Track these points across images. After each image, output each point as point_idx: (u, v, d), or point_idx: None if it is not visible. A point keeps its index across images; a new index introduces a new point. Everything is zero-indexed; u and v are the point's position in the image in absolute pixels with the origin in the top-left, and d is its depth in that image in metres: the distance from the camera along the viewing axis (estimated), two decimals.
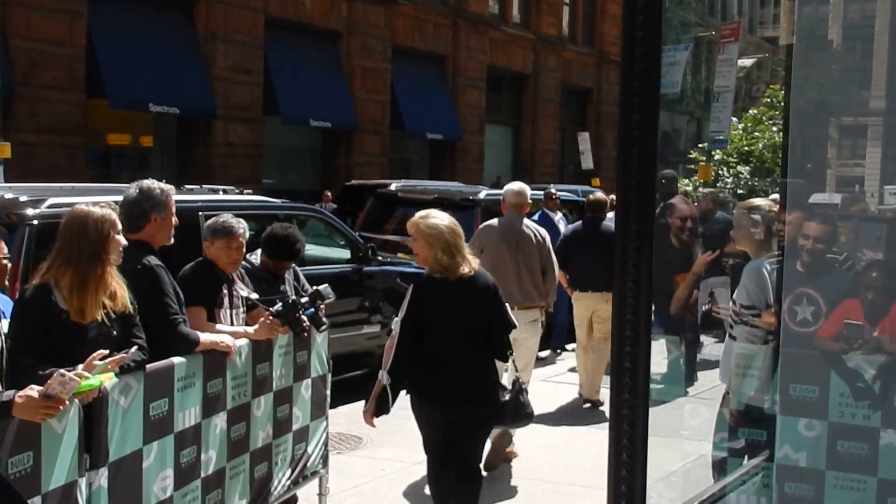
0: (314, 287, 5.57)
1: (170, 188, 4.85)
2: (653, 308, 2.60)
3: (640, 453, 2.59)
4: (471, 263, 5.30)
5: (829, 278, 4.64)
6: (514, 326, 5.51)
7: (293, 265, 6.39)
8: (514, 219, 7.75)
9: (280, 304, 5.26)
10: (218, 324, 5.09)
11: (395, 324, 5.30)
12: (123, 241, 4.12)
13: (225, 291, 5.26)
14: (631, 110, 2.59)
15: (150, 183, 4.81)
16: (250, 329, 5.21)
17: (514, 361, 5.71)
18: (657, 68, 2.59)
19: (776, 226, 4.98)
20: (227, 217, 5.35)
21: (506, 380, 6.04)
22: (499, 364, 5.71)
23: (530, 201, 8.11)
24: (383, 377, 5.27)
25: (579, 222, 9.84)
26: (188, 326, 4.66)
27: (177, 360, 4.42)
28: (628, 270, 2.59)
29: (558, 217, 12.52)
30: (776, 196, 6.10)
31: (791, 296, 4.43)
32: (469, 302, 5.28)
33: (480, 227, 7.94)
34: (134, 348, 3.99)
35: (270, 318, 5.19)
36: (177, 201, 7.06)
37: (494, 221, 7.86)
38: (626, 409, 2.62)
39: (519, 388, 5.55)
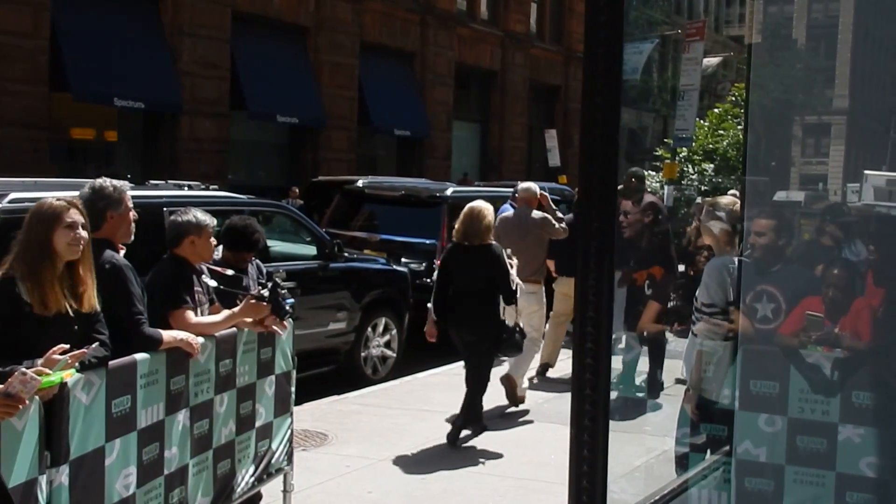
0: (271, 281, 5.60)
1: (123, 184, 4.85)
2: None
3: (601, 449, 2.61)
4: (485, 238, 7.77)
5: (784, 274, 4.69)
6: (513, 280, 7.79)
7: (256, 260, 6.37)
8: (524, 211, 9.50)
9: (266, 288, 5.39)
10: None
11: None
12: (79, 235, 4.07)
13: (199, 287, 5.25)
14: (593, 109, 2.61)
15: (101, 181, 4.82)
16: (236, 310, 5.25)
17: (518, 311, 8.03)
18: (619, 67, 2.61)
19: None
20: (185, 215, 5.31)
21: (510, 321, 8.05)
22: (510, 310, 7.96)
23: (538, 196, 9.72)
24: (431, 308, 8.13)
25: (570, 214, 10.74)
26: (150, 326, 4.65)
27: (139, 356, 4.39)
28: (590, 268, 2.61)
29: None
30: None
31: (750, 292, 4.48)
32: (480, 262, 7.76)
33: (499, 217, 9.35)
34: (95, 344, 3.97)
35: (254, 299, 5.27)
36: (141, 197, 7.06)
37: (510, 212, 9.77)
38: (588, 405, 2.64)
39: (514, 329, 7.95)
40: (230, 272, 5.67)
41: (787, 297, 4.43)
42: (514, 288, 7.80)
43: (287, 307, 5.50)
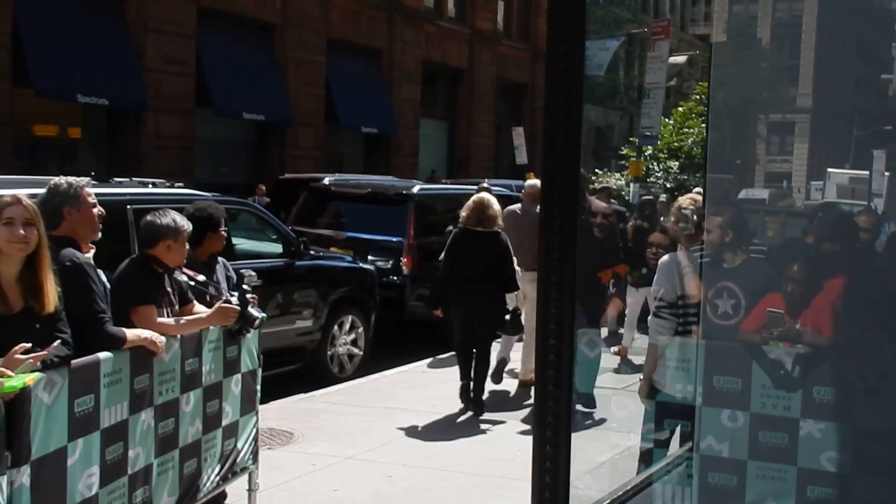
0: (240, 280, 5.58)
1: (81, 181, 4.79)
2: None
3: (563, 445, 2.63)
4: (493, 224, 8.64)
5: (745, 270, 4.74)
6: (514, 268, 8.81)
7: (222, 259, 6.31)
8: (530, 207, 10.00)
9: (236, 295, 5.41)
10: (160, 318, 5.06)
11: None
12: (19, 232, 4.00)
13: (168, 289, 5.21)
14: (555, 107, 2.62)
15: (58, 179, 4.77)
16: (202, 316, 5.23)
17: (523, 297, 9.33)
18: (581, 66, 2.63)
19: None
20: (163, 218, 5.25)
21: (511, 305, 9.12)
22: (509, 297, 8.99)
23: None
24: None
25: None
26: (114, 325, 4.62)
27: (103, 355, 4.35)
28: (552, 265, 2.62)
29: None
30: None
31: (712, 289, 4.52)
32: (489, 246, 8.65)
33: (506, 211, 9.87)
34: (57, 343, 3.93)
35: (225, 304, 5.26)
36: (105, 194, 6.99)
37: (517, 207, 10.29)
38: (551, 402, 2.65)
39: (514, 311, 9.13)
40: (201, 277, 5.62)
41: (748, 293, 4.48)
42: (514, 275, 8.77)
43: (256, 316, 5.49)
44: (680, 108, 22.96)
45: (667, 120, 21.99)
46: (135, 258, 5.23)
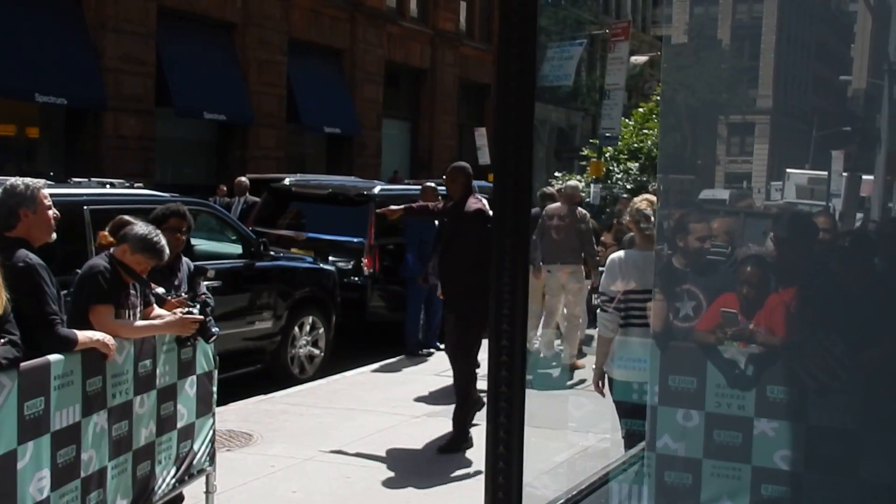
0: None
1: (38, 183, 4.76)
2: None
3: (516, 445, 2.63)
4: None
5: (700, 270, 4.78)
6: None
7: (186, 259, 6.27)
8: (569, 207, 10.98)
9: (198, 307, 5.45)
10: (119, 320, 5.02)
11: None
12: None
13: (132, 291, 5.16)
14: (507, 109, 2.63)
15: (14, 180, 4.74)
16: (159, 322, 5.20)
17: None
18: (532, 68, 2.63)
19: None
20: (157, 236, 5.19)
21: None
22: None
23: (581, 195, 11.70)
24: None
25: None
26: (71, 323, 4.58)
27: (53, 357, 4.30)
28: (505, 267, 2.63)
29: None
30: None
31: (668, 289, 4.54)
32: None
33: (548, 210, 11.01)
34: (6, 344, 3.88)
35: (185, 313, 5.28)
36: (62, 195, 6.92)
37: (556, 206, 11.09)
38: (503, 402, 2.66)
39: None
40: (160, 290, 5.58)
41: (704, 293, 4.51)
42: None
43: (213, 332, 5.55)
44: (640, 109, 23.10)
45: (627, 121, 22.12)
46: (101, 257, 5.18)
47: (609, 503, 4.52)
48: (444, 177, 8.18)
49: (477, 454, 7.33)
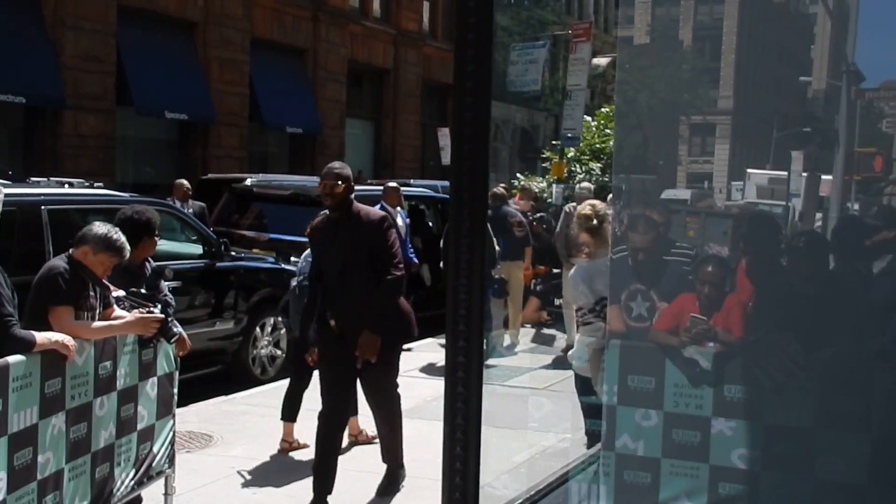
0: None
1: None
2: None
3: (473, 445, 2.65)
4: None
5: (658, 271, 4.82)
6: None
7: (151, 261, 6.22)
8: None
9: (159, 307, 5.45)
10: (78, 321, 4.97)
11: None
12: None
13: (92, 293, 5.11)
14: (463, 109, 2.64)
15: None
16: (119, 322, 5.17)
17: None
18: (489, 68, 2.64)
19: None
20: (117, 234, 5.14)
21: None
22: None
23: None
24: None
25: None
26: (28, 325, 4.53)
27: (12, 359, 4.26)
28: (461, 266, 2.64)
29: (397, 212, 11.99)
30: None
31: (625, 290, 4.58)
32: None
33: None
34: None
35: (146, 312, 5.27)
36: (18, 195, 6.84)
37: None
38: (460, 403, 2.67)
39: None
40: (121, 293, 5.53)
41: (661, 294, 4.55)
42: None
43: (175, 332, 5.55)
44: (603, 110, 23.19)
45: (590, 121, 22.20)
46: (60, 259, 5.13)
47: (568, 502, 4.55)
48: (320, 183, 6.07)
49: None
